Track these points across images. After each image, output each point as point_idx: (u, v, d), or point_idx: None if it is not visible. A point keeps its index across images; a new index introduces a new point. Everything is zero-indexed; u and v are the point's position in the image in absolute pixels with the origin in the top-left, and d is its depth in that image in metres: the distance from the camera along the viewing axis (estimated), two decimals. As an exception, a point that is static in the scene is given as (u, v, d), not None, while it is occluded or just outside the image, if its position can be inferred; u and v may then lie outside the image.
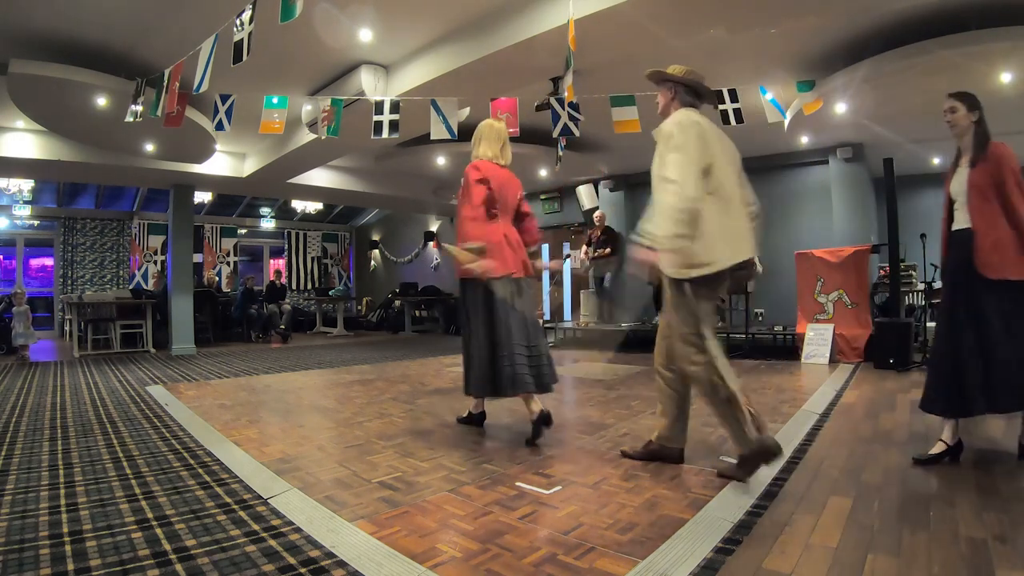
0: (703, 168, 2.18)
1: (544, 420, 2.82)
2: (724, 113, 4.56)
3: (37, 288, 11.02)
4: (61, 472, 2.45)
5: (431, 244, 12.28)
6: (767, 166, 8.49)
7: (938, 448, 2.42)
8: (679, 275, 2.23)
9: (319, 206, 12.85)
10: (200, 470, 2.49)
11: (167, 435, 3.13)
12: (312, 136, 5.83)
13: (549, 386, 2.93)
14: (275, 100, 4.55)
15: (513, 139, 5.13)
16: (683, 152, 2.17)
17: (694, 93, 2.49)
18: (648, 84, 5.05)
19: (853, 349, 5.70)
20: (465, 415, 3.35)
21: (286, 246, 13.45)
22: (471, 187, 2.96)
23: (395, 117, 4.65)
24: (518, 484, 2.25)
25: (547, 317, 9.54)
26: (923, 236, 5.54)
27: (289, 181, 8.39)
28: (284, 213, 13.22)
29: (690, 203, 2.11)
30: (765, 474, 2.29)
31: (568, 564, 1.58)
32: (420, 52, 4.78)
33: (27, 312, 7.28)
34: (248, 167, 8.04)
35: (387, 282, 13.29)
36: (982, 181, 2.36)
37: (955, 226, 2.46)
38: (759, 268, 2.42)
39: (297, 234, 13.54)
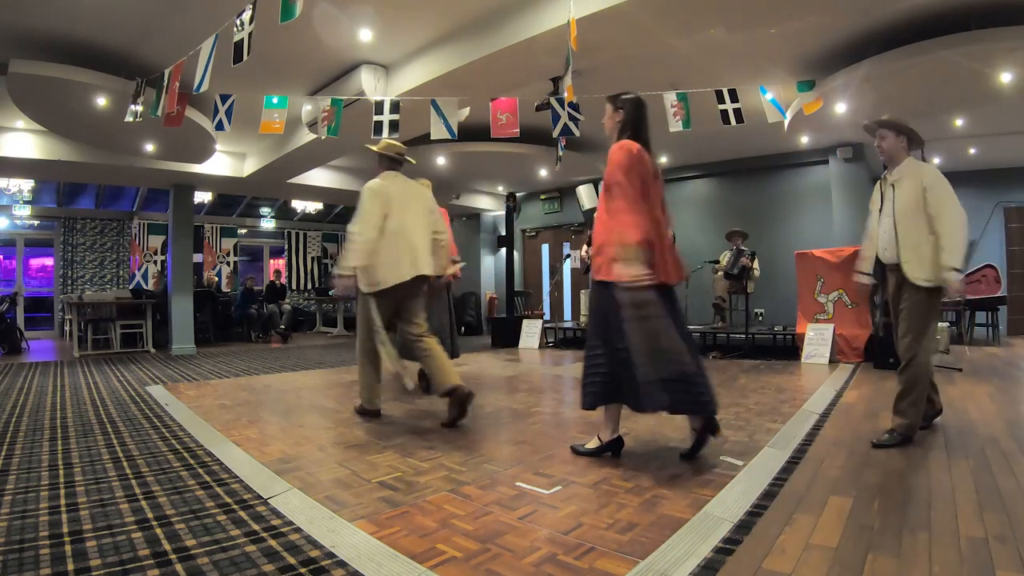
0: (379, 218, 3.17)
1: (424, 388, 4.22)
2: (724, 113, 4.55)
3: (37, 288, 11.01)
4: (61, 472, 2.45)
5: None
6: (767, 166, 8.51)
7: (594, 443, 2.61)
8: (365, 290, 3.25)
9: (319, 206, 12.83)
10: (200, 470, 2.49)
11: (167, 435, 3.13)
12: (312, 136, 5.83)
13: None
14: (275, 100, 4.55)
15: (513, 139, 5.17)
16: (364, 209, 3.17)
17: (390, 160, 3.44)
18: (649, 84, 5.05)
19: (853, 349, 5.70)
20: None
21: (286, 246, 13.43)
22: None
23: (395, 117, 4.65)
24: (518, 484, 2.25)
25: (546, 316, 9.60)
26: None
27: (289, 181, 8.38)
28: (284, 213, 13.20)
29: (367, 245, 3.13)
30: (765, 474, 2.30)
31: (568, 564, 1.58)
32: (420, 52, 4.78)
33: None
34: (248, 167, 8.04)
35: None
36: (604, 185, 2.49)
37: None
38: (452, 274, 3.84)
39: (297, 234, 13.52)
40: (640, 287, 2.26)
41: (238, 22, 3.35)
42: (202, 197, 11.10)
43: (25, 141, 6.51)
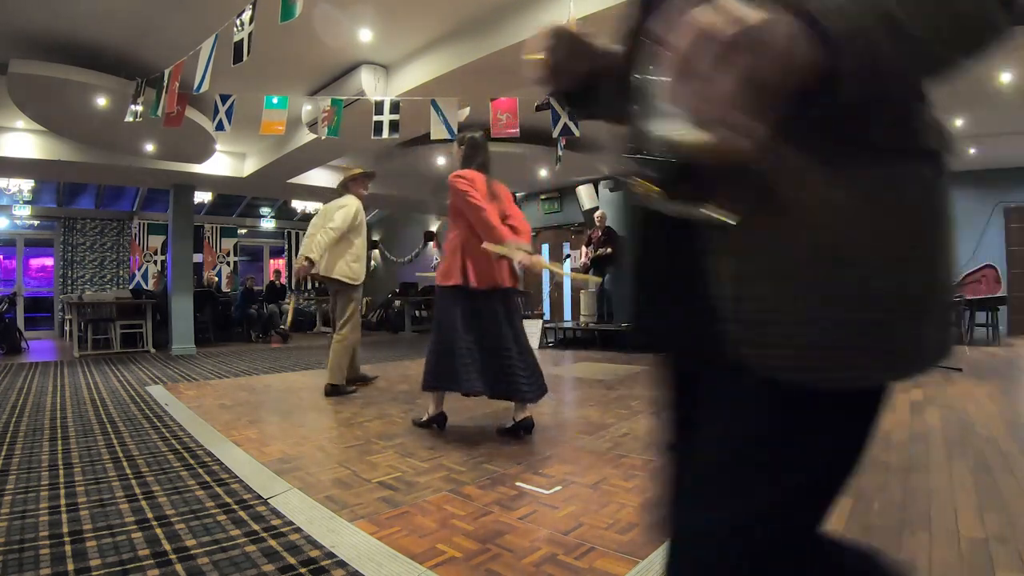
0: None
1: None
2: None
3: (36, 288, 11.01)
4: (61, 472, 2.45)
5: (431, 244, 12.28)
6: (767, 166, 8.49)
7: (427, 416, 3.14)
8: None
9: (319, 206, 12.81)
10: (200, 470, 2.49)
11: (167, 435, 3.13)
12: (312, 136, 5.83)
13: None
14: (275, 100, 4.55)
15: (513, 139, 5.18)
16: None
17: (343, 185, 4.49)
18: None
19: (853, 349, 5.68)
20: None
21: (286, 246, 13.43)
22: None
23: (395, 117, 4.65)
24: (518, 484, 2.25)
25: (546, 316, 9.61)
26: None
27: (289, 181, 8.38)
28: (284, 213, 13.21)
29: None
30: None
31: (568, 564, 1.58)
32: (420, 52, 4.78)
33: None
34: (248, 167, 8.04)
35: (387, 282, 13.28)
36: (452, 207, 2.98)
37: None
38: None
39: (297, 234, 13.51)
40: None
41: (238, 22, 3.36)
42: (202, 197, 11.10)
43: (25, 141, 6.51)
